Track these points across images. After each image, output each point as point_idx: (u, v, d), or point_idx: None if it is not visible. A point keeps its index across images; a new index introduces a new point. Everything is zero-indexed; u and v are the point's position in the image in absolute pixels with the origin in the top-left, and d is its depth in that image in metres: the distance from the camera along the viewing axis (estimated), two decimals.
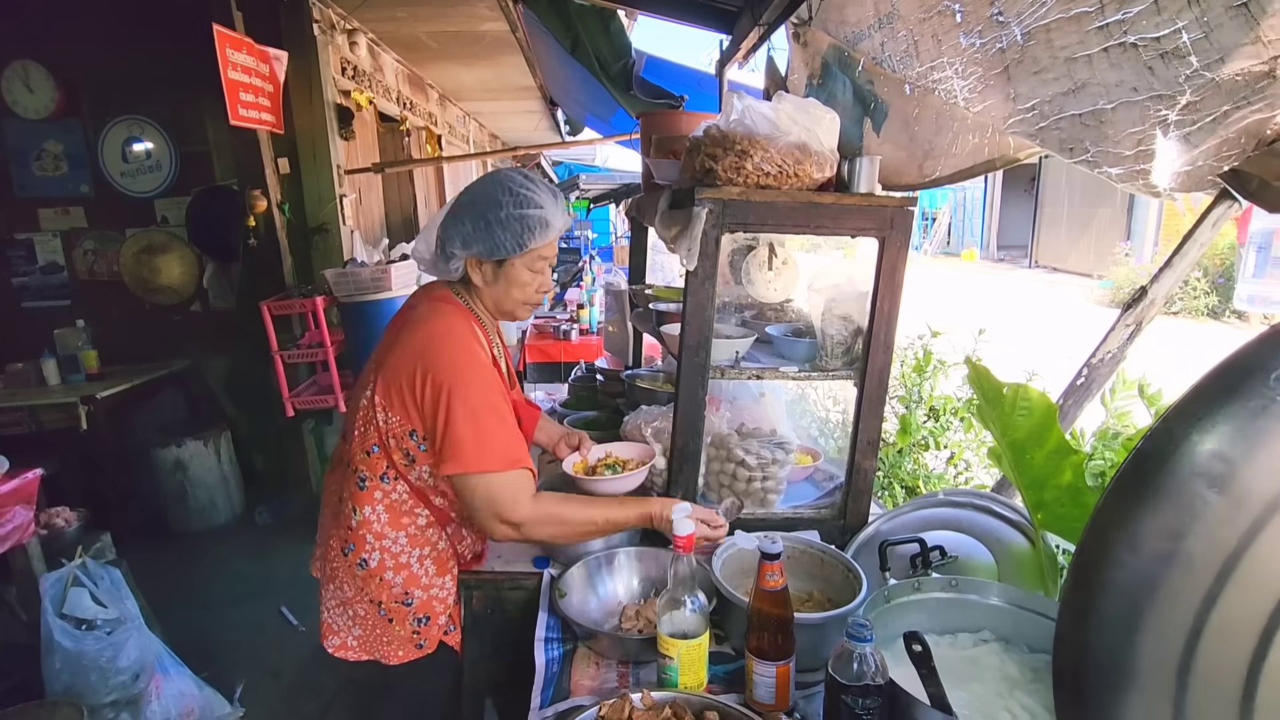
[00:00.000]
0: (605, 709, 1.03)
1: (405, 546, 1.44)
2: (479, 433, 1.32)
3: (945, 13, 1.66)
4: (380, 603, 1.44)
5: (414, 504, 1.44)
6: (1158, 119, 1.22)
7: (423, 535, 1.46)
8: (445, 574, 1.49)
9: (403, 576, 1.44)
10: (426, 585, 1.46)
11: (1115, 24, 1.23)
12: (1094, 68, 1.30)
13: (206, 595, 3.33)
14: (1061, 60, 1.35)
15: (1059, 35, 1.34)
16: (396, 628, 1.45)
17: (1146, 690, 0.48)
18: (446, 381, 1.32)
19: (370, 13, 4.26)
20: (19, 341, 3.95)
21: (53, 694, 2.00)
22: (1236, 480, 0.45)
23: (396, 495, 1.43)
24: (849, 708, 0.91)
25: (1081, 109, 1.34)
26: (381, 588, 1.43)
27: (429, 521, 1.46)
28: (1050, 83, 1.38)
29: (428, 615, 1.46)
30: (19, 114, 4.03)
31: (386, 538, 1.42)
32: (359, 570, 1.43)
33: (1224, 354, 0.47)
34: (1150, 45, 1.19)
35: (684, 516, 1.23)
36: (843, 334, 1.54)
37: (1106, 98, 1.29)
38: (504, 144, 10.69)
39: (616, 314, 3.06)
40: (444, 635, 1.50)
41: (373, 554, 1.42)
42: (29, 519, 2.23)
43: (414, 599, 1.45)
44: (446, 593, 1.49)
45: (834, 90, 2.29)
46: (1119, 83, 1.26)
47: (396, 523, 1.43)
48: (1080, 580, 0.52)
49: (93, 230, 4.30)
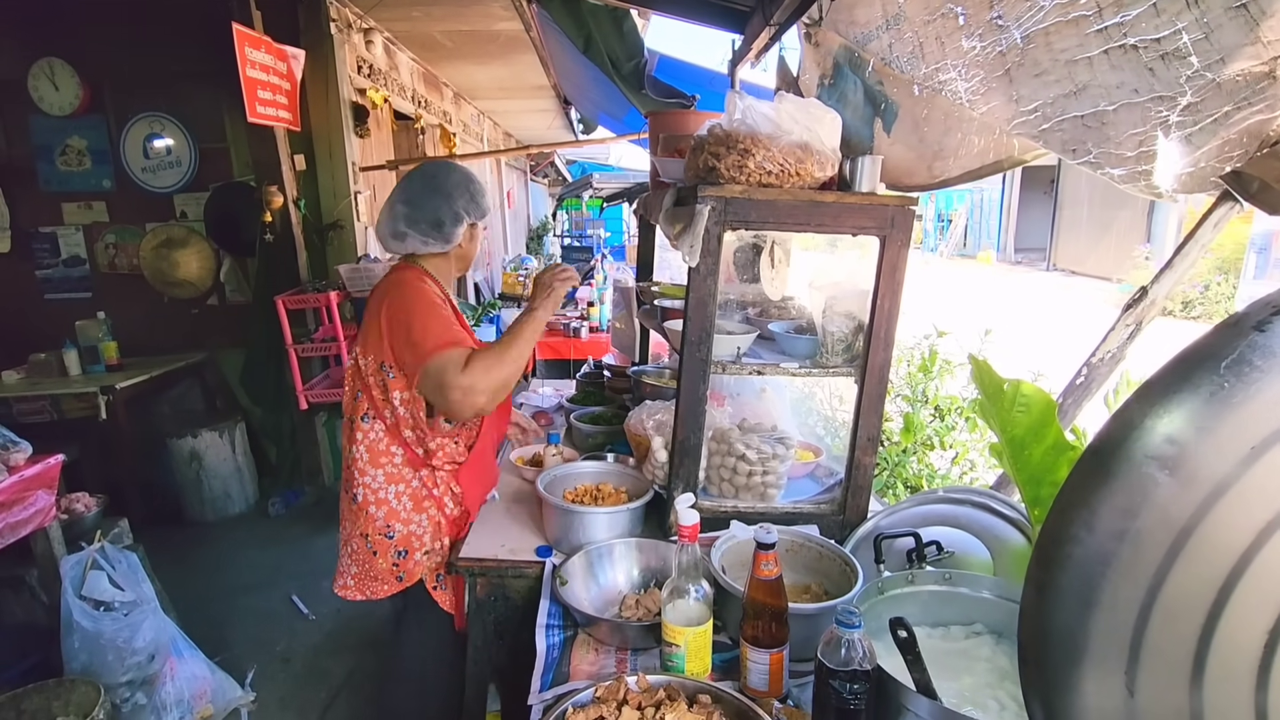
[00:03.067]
0: (601, 690, 1.06)
1: (383, 483, 1.68)
2: (423, 331, 1.57)
3: (948, 15, 1.67)
4: (367, 535, 1.69)
5: (389, 443, 1.69)
6: (1159, 120, 1.23)
7: (399, 473, 1.69)
8: (421, 512, 1.71)
9: (384, 511, 1.68)
10: (405, 520, 1.69)
11: (1114, 26, 1.24)
12: (1094, 69, 1.30)
13: (220, 582, 3.39)
14: (1062, 63, 1.35)
15: (1058, 38, 1.35)
16: (380, 560, 1.69)
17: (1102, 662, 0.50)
18: (398, 305, 1.62)
19: (386, 12, 4.31)
20: (42, 332, 4.04)
21: (71, 673, 2.06)
22: (1186, 462, 0.47)
23: (375, 435, 1.68)
24: (837, 692, 0.94)
25: (1083, 110, 1.35)
26: (368, 521, 1.68)
27: (404, 461, 1.70)
28: (1052, 85, 1.39)
29: (406, 549, 1.69)
30: (45, 110, 4.11)
31: (368, 474, 1.68)
32: (352, 505, 1.71)
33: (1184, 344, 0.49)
34: (1150, 47, 1.20)
35: (687, 507, 1.26)
36: (843, 331, 1.56)
37: (1108, 99, 1.30)
38: (518, 142, 10.74)
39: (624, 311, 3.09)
40: (433, 589, 1.72)
41: (359, 489, 1.69)
42: (50, 503, 2.29)
43: (395, 532, 1.68)
44: (423, 530, 1.71)
45: (845, 90, 2.30)
46: (1120, 84, 1.27)
47: (375, 461, 1.68)
48: (1042, 556, 0.54)
49: (114, 224, 4.39)
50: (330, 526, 3.90)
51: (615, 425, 2.26)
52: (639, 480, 1.77)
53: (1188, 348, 0.48)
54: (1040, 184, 17.65)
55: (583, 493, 1.75)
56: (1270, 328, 0.45)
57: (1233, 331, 0.47)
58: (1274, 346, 0.44)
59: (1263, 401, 0.44)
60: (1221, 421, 0.46)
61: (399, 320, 1.60)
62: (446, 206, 1.70)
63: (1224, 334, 0.47)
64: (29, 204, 4.32)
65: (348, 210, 4.28)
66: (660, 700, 1.04)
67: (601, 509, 1.61)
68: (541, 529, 1.71)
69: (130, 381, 3.77)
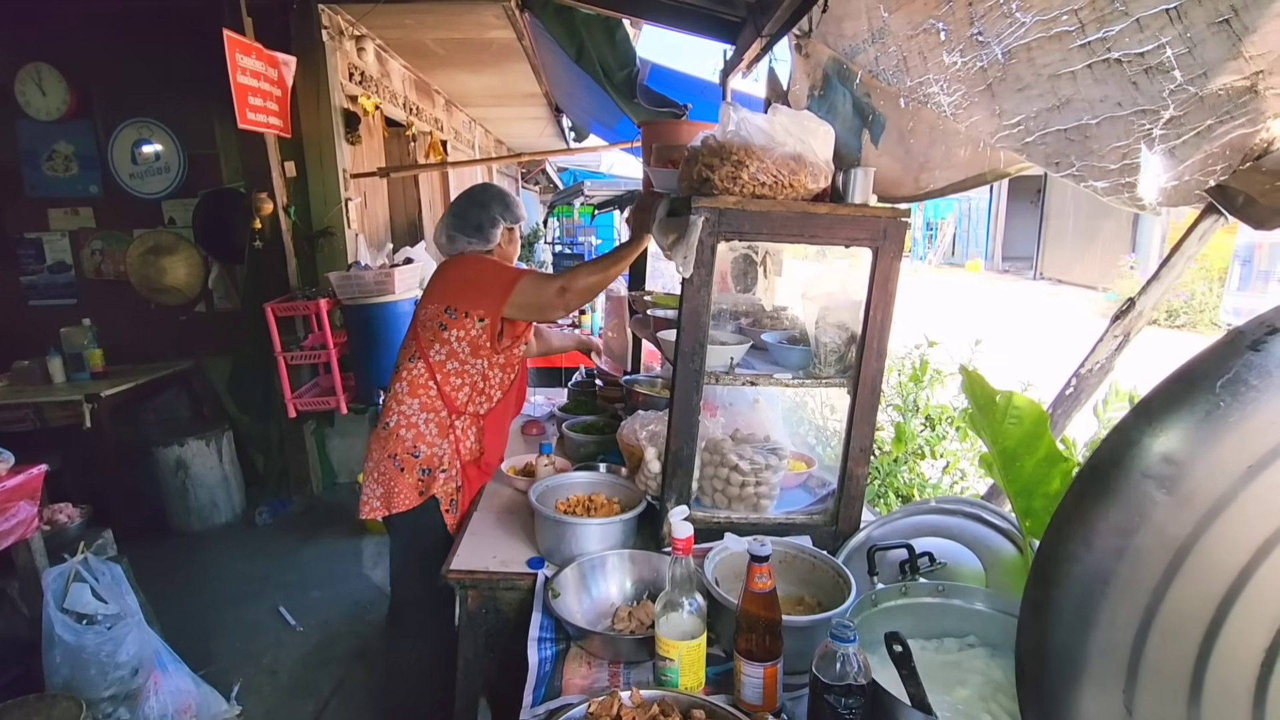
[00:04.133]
0: (594, 705, 1.05)
1: (417, 410, 1.99)
2: (504, 269, 2.02)
3: (930, 30, 1.68)
4: (395, 455, 1.97)
5: (427, 379, 1.99)
6: (1142, 133, 1.24)
7: (431, 404, 1.99)
8: (444, 437, 2.00)
9: (412, 434, 1.98)
10: (430, 443, 1.98)
11: (1098, 41, 1.25)
12: (1078, 83, 1.32)
13: (205, 594, 3.34)
14: (1045, 77, 1.37)
15: (1040, 54, 1.36)
16: (406, 476, 1.97)
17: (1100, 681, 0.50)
18: (473, 261, 2.06)
19: (378, 19, 4.31)
20: (26, 339, 3.99)
21: (53, 687, 2.02)
22: (1184, 481, 0.47)
23: (416, 371, 2.00)
24: (831, 707, 0.93)
25: (1066, 124, 1.36)
26: (397, 442, 1.97)
27: (437, 394, 2.00)
28: (1034, 99, 1.40)
29: (429, 468, 1.98)
30: (31, 115, 4.08)
31: (404, 403, 1.99)
32: (382, 433, 2.01)
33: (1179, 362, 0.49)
34: (1134, 61, 1.21)
35: (680, 519, 1.25)
36: (836, 342, 1.56)
37: (1091, 112, 1.31)
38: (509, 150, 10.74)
39: (616, 320, 3.09)
40: (445, 512, 1.98)
41: (393, 417, 2.00)
42: (33, 514, 2.25)
43: (420, 452, 1.98)
44: (444, 453, 1.99)
45: (834, 101, 2.31)
46: (1103, 98, 1.28)
47: (414, 393, 1.99)
48: (1040, 575, 0.54)
49: (101, 230, 4.35)
50: (319, 536, 3.89)
51: (608, 435, 2.25)
52: (631, 491, 1.76)
53: (1183, 366, 0.49)
54: (1027, 194, 17.85)
55: (575, 503, 1.74)
56: (1265, 347, 0.45)
57: (1229, 350, 0.47)
58: (1269, 366, 0.45)
59: (1259, 421, 0.45)
60: (1218, 441, 0.46)
61: (482, 269, 2.00)
62: (484, 214, 2.09)
63: (1220, 353, 0.47)
64: (14, 209, 4.28)
65: (338, 217, 4.26)
66: (654, 715, 1.03)
67: (594, 520, 1.60)
68: (533, 540, 1.70)
69: (116, 389, 3.72)
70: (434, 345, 1.98)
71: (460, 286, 1.99)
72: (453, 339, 1.97)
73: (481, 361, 2.00)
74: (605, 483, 1.84)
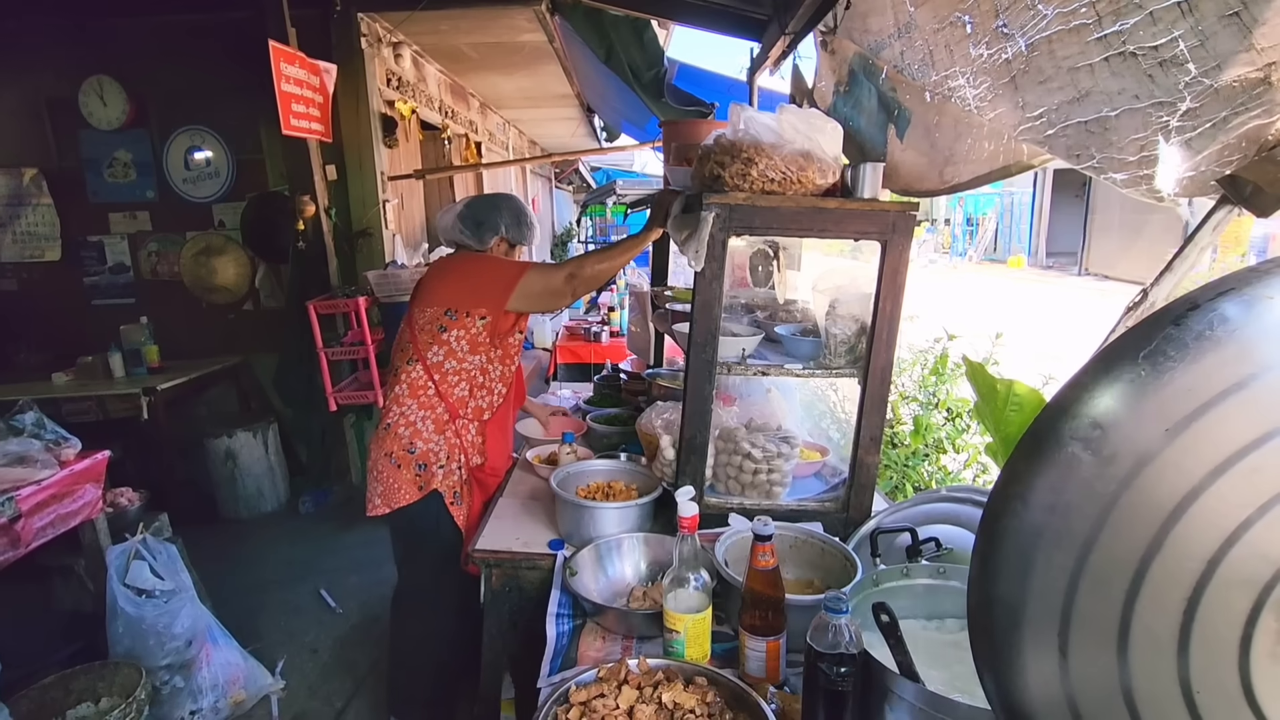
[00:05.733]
0: (603, 671, 1.12)
1: (414, 409, 2.01)
2: (507, 264, 2.08)
3: (956, 24, 1.70)
4: (391, 453, 2.01)
5: (425, 380, 2.01)
6: (1159, 125, 1.25)
7: (430, 402, 2.01)
8: (440, 434, 2.02)
9: (409, 431, 2.00)
10: (426, 439, 2.01)
11: (1114, 34, 1.26)
12: (1096, 76, 1.33)
13: (252, 576, 3.52)
14: (1065, 70, 1.38)
15: (1060, 46, 1.37)
16: (403, 472, 2.00)
17: (1037, 626, 0.55)
18: (473, 260, 2.11)
19: (415, 25, 4.45)
20: (89, 336, 4.25)
21: (115, 656, 2.18)
22: (1106, 443, 0.51)
23: (416, 374, 2.02)
24: (825, 674, 0.98)
25: (1086, 116, 1.37)
26: (394, 441, 2.01)
27: (435, 394, 2.02)
28: (1055, 91, 1.42)
29: (425, 463, 2.01)
30: (94, 125, 4.33)
31: (404, 404, 2.01)
32: (382, 434, 2.03)
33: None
34: (1149, 54, 1.22)
35: (687, 499, 1.31)
36: (846, 333, 1.60)
37: (1110, 105, 1.32)
38: (542, 150, 10.90)
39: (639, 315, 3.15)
40: (450, 505, 2.02)
41: (392, 418, 2.02)
42: (98, 496, 2.43)
43: (416, 448, 2.00)
44: (440, 449, 2.02)
45: (860, 97, 2.33)
46: (1121, 90, 1.29)
47: (413, 393, 2.02)
48: (985, 530, 0.59)
49: (156, 233, 4.59)
50: (358, 524, 4.04)
51: (629, 426, 2.32)
52: (649, 478, 1.83)
53: (1115, 340, 0.53)
54: (1072, 187, 17.32)
55: (595, 489, 1.81)
56: (1185, 322, 0.49)
57: (1153, 325, 0.51)
58: (1186, 339, 0.49)
59: (1175, 388, 0.49)
60: (1138, 406, 0.50)
61: (482, 266, 2.05)
62: (490, 215, 2.12)
63: (1146, 327, 0.52)
64: (78, 214, 4.53)
65: (376, 218, 4.41)
66: (658, 680, 1.10)
67: (611, 504, 1.67)
68: (554, 524, 1.78)
69: (170, 383, 3.94)
70: (432, 347, 2.00)
71: (460, 288, 2.01)
72: (452, 339, 1.99)
73: (480, 357, 2.03)
74: (624, 470, 1.91)
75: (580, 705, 1.06)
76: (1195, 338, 0.48)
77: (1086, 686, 0.56)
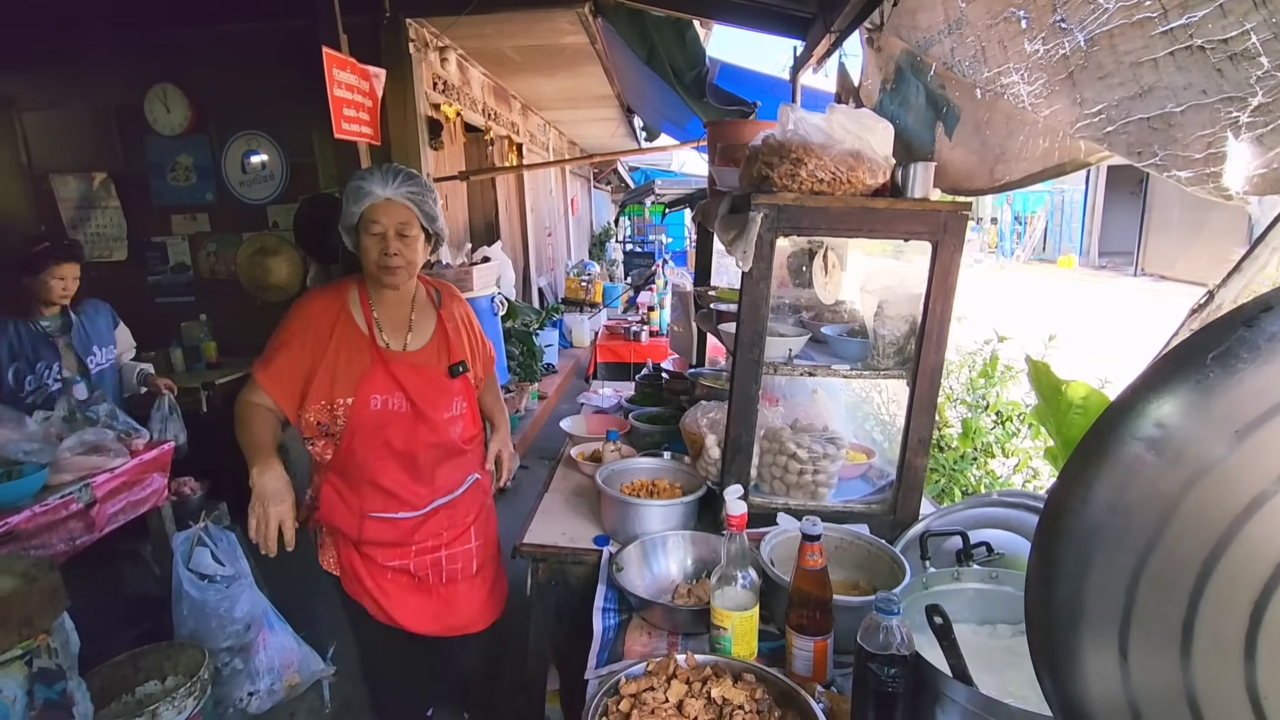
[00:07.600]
0: (652, 665, 1.14)
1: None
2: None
3: (1010, 19, 1.67)
4: None
5: None
6: (1228, 121, 1.21)
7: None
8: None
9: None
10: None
11: (1180, 28, 1.23)
12: (1160, 71, 1.29)
13: (305, 566, 3.63)
14: (1127, 65, 1.35)
15: (1122, 40, 1.34)
16: None
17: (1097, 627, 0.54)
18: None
19: (460, 30, 4.55)
20: (153, 333, 4.44)
21: (180, 637, 2.30)
22: (1171, 444, 0.51)
23: None
24: (875, 675, 0.98)
25: (1149, 113, 1.33)
26: None
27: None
28: (1116, 87, 1.38)
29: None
30: (158, 131, 4.54)
31: None
32: None
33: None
34: (1218, 48, 1.19)
35: (735, 498, 1.33)
36: (895, 334, 1.59)
37: (1175, 101, 1.28)
38: (582, 150, 10.99)
39: (682, 314, 3.17)
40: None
41: None
42: (164, 485, 2.55)
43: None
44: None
45: (907, 95, 2.31)
46: (1187, 85, 1.26)
47: None
48: (1045, 529, 0.59)
49: (215, 234, 4.78)
50: None
51: (672, 425, 2.34)
52: (693, 477, 1.84)
53: (1183, 341, 0.53)
54: (1127, 184, 16.69)
55: (639, 487, 1.83)
56: (1258, 324, 0.48)
57: (1225, 326, 0.51)
58: (1259, 341, 0.48)
59: (1245, 390, 0.48)
60: (1205, 408, 0.50)
61: None
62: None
63: (1216, 329, 0.51)
64: (143, 216, 4.75)
65: None
66: (707, 675, 1.11)
67: (656, 502, 1.69)
68: (599, 520, 1.81)
69: (228, 378, 4.09)
70: None
71: None
72: None
73: None
74: (668, 468, 1.92)
75: (630, 697, 1.08)
76: (1269, 339, 0.48)
77: (1148, 689, 0.55)
